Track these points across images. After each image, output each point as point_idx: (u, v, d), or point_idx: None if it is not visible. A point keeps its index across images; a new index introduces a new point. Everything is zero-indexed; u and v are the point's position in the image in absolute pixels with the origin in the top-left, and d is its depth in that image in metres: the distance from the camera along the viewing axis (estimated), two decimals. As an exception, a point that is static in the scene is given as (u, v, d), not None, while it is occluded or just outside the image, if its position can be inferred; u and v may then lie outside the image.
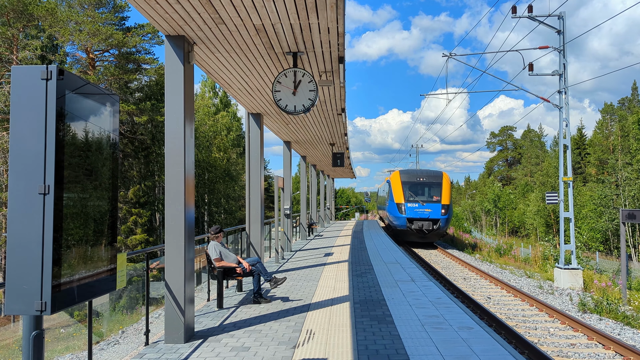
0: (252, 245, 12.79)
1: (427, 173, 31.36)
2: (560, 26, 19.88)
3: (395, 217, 29.62)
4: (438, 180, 30.38)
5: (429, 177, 30.73)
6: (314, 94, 7.74)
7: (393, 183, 30.70)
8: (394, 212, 29.72)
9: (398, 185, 30.10)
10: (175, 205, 6.74)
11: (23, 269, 2.46)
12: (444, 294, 9.67)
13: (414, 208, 28.69)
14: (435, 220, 28.33)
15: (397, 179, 30.72)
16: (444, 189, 29.63)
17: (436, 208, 28.61)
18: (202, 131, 51.83)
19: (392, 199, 30.28)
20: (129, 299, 17.87)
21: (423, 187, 30.12)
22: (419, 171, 32.46)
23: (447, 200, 29.19)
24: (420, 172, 31.99)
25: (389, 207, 31.28)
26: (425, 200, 29.05)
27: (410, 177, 30.66)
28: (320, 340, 6.61)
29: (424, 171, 32.06)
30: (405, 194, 29.48)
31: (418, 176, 30.83)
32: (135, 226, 37.73)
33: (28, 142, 2.49)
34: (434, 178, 30.63)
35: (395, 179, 30.84)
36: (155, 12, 6.04)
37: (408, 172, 31.62)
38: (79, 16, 35.82)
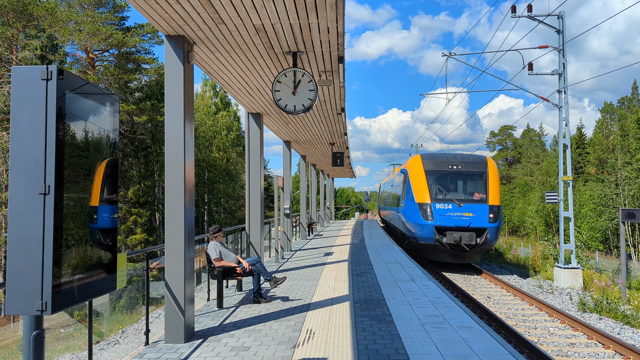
0: (252, 245, 12.80)
1: (464, 159, 20.94)
2: (560, 26, 19.88)
3: (415, 225, 19.75)
4: (481, 168, 20.33)
5: (466, 164, 20.61)
6: (313, 93, 7.74)
7: (412, 173, 20.69)
8: (413, 216, 19.95)
9: (420, 177, 20.19)
10: (175, 204, 6.74)
11: (23, 269, 2.46)
12: (443, 294, 9.67)
13: (447, 211, 18.94)
14: (480, 231, 18.52)
15: (418, 167, 20.60)
16: (490, 182, 19.68)
17: (481, 211, 18.85)
18: (202, 131, 51.84)
19: (410, 197, 20.46)
20: (129, 299, 17.87)
21: (459, 179, 20.39)
22: (452, 156, 21.29)
23: (497, 199, 19.38)
24: (454, 157, 21.12)
25: (405, 210, 21.20)
26: (463, 200, 19.29)
27: (438, 164, 20.56)
28: (320, 340, 6.62)
29: (460, 156, 21.24)
30: (431, 189, 19.65)
31: (451, 163, 20.59)
32: (135, 226, 37.73)
33: (28, 142, 2.49)
34: (474, 165, 20.51)
35: (416, 167, 20.74)
36: (155, 12, 6.04)
37: (435, 158, 21.05)
38: (78, 16, 35.82)
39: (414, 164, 21.02)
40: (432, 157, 21.16)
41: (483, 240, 18.37)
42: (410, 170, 21.08)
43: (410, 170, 21.08)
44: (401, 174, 24.11)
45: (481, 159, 20.96)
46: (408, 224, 20.81)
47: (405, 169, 22.31)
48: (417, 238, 19.74)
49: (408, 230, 20.94)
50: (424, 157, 21.12)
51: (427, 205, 19.38)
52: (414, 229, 19.95)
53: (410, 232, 20.51)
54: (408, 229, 20.91)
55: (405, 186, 21.59)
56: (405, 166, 22.73)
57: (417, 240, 19.96)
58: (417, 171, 20.53)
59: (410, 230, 20.55)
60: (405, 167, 22.39)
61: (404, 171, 22.41)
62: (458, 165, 20.50)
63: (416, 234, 19.74)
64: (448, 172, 20.36)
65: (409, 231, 20.87)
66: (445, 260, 19.60)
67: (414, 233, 20.03)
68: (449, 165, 20.48)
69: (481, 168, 20.38)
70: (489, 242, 18.57)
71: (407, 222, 20.91)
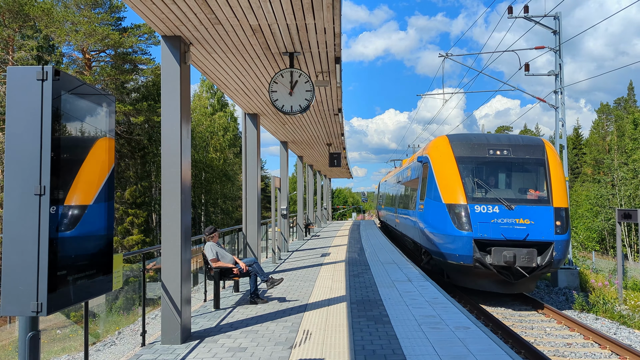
0: (249, 246, 12.79)
1: (510, 141, 14.64)
2: (556, 26, 19.94)
3: (442, 237, 13.61)
4: (537, 153, 14.20)
5: (516, 148, 14.34)
6: (310, 94, 7.75)
7: (437, 161, 14.54)
8: (438, 223, 13.80)
9: (448, 166, 14.04)
10: (172, 205, 6.73)
11: (19, 270, 2.46)
12: (440, 294, 9.68)
13: (492, 217, 13.06)
14: (543, 246, 12.64)
15: (445, 152, 14.45)
16: (553, 174, 13.75)
17: (542, 217, 12.95)
18: (199, 131, 51.78)
19: (433, 195, 14.27)
20: (125, 300, 17.82)
21: (506, 169, 14.41)
22: (493, 138, 15.05)
23: (563, 198, 13.50)
24: (496, 139, 14.87)
25: (426, 214, 14.82)
26: (514, 200, 13.42)
27: (475, 148, 14.32)
28: (317, 341, 6.61)
29: (504, 138, 15.06)
30: (467, 184, 13.65)
31: (493, 146, 14.37)
32: (132, 227, 37.67)
33: (24, 143, 2.48)
34: (528, 150, 14.29)
35: (442, 152, 14.56)
36: (152, 13, 6.04)
37: (469, 139, 14.71)
38: (75, 16, 35.75)
39: (439, 149, 14.51)
40: (466, 138, 14.54)
41: (547, 261, 12.21)
42: (433, 157, 14.58)
43: (433, 157, 14.58)
44: (418, 163, 16.92)
45: (536, 141, 14.61)
46: (430, 234, 14.14)
47: (424, 157, 15.54)
48: (445, 256, 13.20)
49: (429, 243, 14.35)
50: (453, 138, 14.56)
51: (461, 207, 12.93)
52: (440, 243, 13.44)
53: (434, 246, 13.90)
54: (429, 242, 14.26)
55: (426, 180, 14.90)
56: (425, 152, 15.67)
57: (444, 259, 13.36)
58: (444, 159, 14.06)
59: (432, 244, 13.97)
60: (425, 154, 15.49)
61: (423, 159, 15.65)
62: (503, 149, 14.11)
63: (444, 249, 13.21)
64: (490, 159, 13.96)
65: (430, 244, 14.25)
66: (488, 289, 13.22)
67: (439, 248, 13.44)
68: (489, 150, 14.05)
69: (537, 153, 14.07)
70: (555, 263, 12.42)
71: (429, 232, 14.19)
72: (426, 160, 15.43)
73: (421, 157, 16.28)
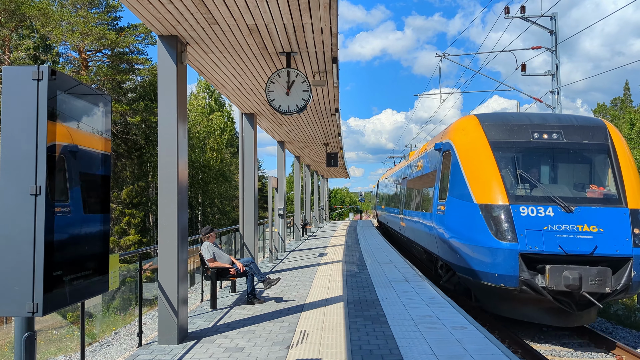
0: (246, 246, 12.78)
1: (561, 121, 11.00)
2: (553, 26, 19.98)
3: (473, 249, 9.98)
4: (598, 137, 10.62)
5: (569, 130, 10.70)
6: (307, 94, 7.75)
7: (464, 148, 11.01)
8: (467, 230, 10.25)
9: (481, 154, 10.48)
10: (169, 205, 6.72)
11: (14, 270, 2.45)
12: (437, 294, 9.70)
13: (544, 223, 9.48)
14: (619, 262, 9.14)
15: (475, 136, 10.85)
16: (624, 165, 10.25)
17: (614, 222, 9.48)
18: (195, 131, 51.75)
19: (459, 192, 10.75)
20: (122, 300, 17.79)
21: (559, 159, 10.73)
22: (538, 118, 11.19)
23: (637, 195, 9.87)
24: (542, 119, 11.09)
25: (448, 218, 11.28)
26: (573, 199, 9.90)
27: (514, 130, 10.72)
28: (314, 341, 6.61)
29: (552, 117, 11.34)
30: (506, 178, 10.14)
31: (539, 128, 10.73)
32: (129, 227, 37.62)
33: (19, 143, 2.48)
34: (585, 133, 10.67)
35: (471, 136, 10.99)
36: (148, 12, 6.03)
37: (506, 119, 11.01)
38: (71, 16, 35.68)
39: (467, 133, 10.99)
40: (501, 118, 10.96)
41: (624, 283, 8.91)
42: (458, 143, 11.09)
43: (458, 143, 11.09)
44: (435, 152, 13.14)
45: (595, 121, 11.03)
46: (454, 244, 10.67)
47: (445, 143, 11.87)
48: (477, 274, 9.77)
49: (452, 256, 10.91)
50: (485, 118, 10.98)
51: (501, 209, 9.57)
52: (471, 256, 9.97)
53: (459, 260, 10.49)
54: (453, 254, 10.85)
55: (447, 174, 11.49)
56: (446, 137, 11.95)
57: (475, 279, 9.92)
58: (475, 144, 10.59)
59: (458, 257, 10.56)
60: (446, 140, 11.82)
61: (444, 147, 11.99)
62: (553, 132, 10.52)
63: (475, 265, 9.81)
64: (535, 145, 10.43)
65: (454, 257, 10.80)
66: (537, 320, 9.82)
67: (469, 263, 10.02)
68: (534, 133, 10.52)
69: (598, 137, 10.54)
70: (635, 286, 9.07)
71: (453, 241, 10.73)
72: (448, 148, 11.47)
73: (440, 144, 12.32)
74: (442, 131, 13.29)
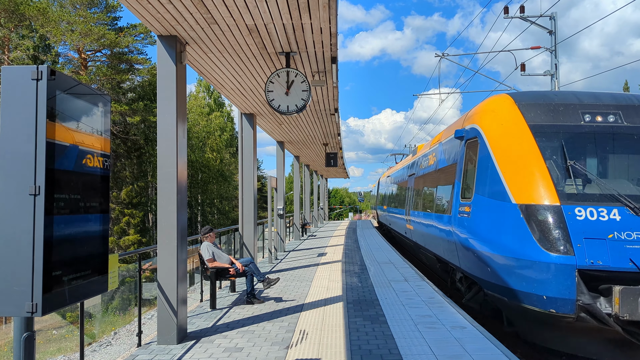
0: (245, 246, 12.78)
1: (616, 100, 8.48)
2: (552, 27, 19.99)
3: (511, 262, 7.49)
4: None
5: (628, 110, 8.24)
6: (306, 94, 7.75)
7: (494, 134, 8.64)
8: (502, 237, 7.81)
9: (518, 140, 8.15)
10: (168, 205, 6.72)
11: (13, 271, 2.45)
12: (437, 294, 9.70)
13: (607, 229, 7.01)
14: None
15: (509, 118, 8.51)
16: None
17: None
18: (195, 131, 51.76)
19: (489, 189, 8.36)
20: (121, 300, 17.79)
21: (616, 145, 8.03)
22: (588, 97, 8.56)
23: None
24: (593, 98, 8.52)
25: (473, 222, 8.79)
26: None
27: (560, 112, 8.27)
28: (314, 341, 6.61)
29: (606, 96, 8.58)
30: (554, 171, 7.65)
31: (590, 109, 8.27)
32: (128, 227, 37.60)
33: (18, 143, 2.48)
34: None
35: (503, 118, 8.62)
36: (147, 12, 6.03)
37: (547, 99, 8.55)
38: (70, 16, 35.66)
39: (499, 115, 8.85)
40: (542, 97, 8.81)
41: None
42: (488, 127, 8.95)
43: (488, 127, 8.95)
44: (455, 141, 10.77)
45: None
46: (484, 254, 8.40)
47: (470, 129, 9.69)
48: (518, 296, 7.54)
49: (481, 269, 8.68)
50: (522, 97, 8.85)
51: (548, 210, 7.41)
52: (508, 272, 7.71)
53: (491, 275, 8.24)
54: (481, 267, 8.61)
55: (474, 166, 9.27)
56: (473, 122, 9.69)
57: (515, 301, 7.64)
58: (510, 129, 8.48)
59: (489, 271, 8.29)
60: (473, 125, 9.60)
61: (468, 134, 9.82)
62: (608, 113, 8.37)
63: (514, 282, 7.57)
64: (589, 129, 8.25)
65: (483, 271, 8.58)
66: (596, 356, 7.40)
67: (506, 281, 7.76)
68: (585, 115, 8.40)
69: None
70: None
71: (482, 251, 8.46)
72: (473, 135, 9.29)
73: (461, 131, 10.05)
74: (463, 116, 10.87)
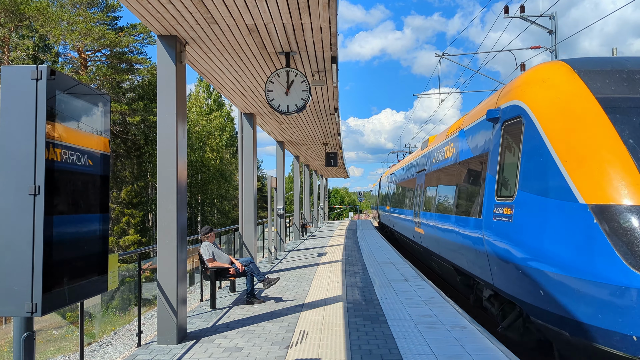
0: (245, 246, 12.78)
1: None
2: (552, 26, 19.98)
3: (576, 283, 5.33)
4: None
5: None
6: (306, 94, 7.74)
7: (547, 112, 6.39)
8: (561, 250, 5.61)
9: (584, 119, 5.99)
10: (168, 205, 6.72)
11: (13, 270, 2.44)
12: (437, 294, 9.69)
13: None
14: None
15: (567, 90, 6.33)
16: None
17: None
18: (195, 131, 51.76)
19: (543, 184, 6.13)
20: (121, 300, 17.79)
21: None
22: None
23: None
24: None
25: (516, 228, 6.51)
26: None
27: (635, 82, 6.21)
28: (314, 341, 6.61)
29: None
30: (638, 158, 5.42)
31: None
32: (128, 227, 37.60)
33: (18, 143, 2.48)
34: None
35: (559, 91, 6.39)
36: (147, 12, 6.02)
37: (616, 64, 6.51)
38: (70, 16, 35.66)
39: (554, 86, 6.62)
40: (612, 63, 6.68)
41: None
42: (539, 104, 6.64)
43: (539, 104, 6.64)
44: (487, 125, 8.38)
45: None
46: (535, 272, 6.06)
47: (510, 107, 7.31)
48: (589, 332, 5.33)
49: (529, 292, 6.31)
50: (580, 64, 6.71)
51: (636, 214, 5.17)
52: (574, 297, 5.43)
53: (547, 301, 5.89)
54: (531, 288, 6.24)
55: (517, 154, 6.93)
56: (514, 97, 7.28)
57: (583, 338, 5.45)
58: (571, 104, 6.27)
59: (544, 296, 5.94)
60: (514, 101, 7.22)
61: (507, 113, 7.41)
62: None
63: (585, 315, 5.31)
64: None
65: (534, 295, 6.20)
66: None
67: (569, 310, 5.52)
68: None
69: None
70: None
71: (531, 269, 6.13)
72: (516, 114, 7.04)
73: (496, 110, 7.72)
74: (495, 93, 8.46)
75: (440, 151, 12.62)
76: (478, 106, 9.72)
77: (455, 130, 11.01)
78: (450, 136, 11.40)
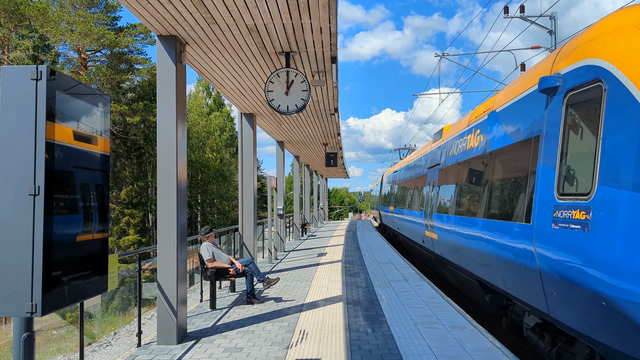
0: (245, 246, 12.78)
1: None
2: (552, 26, 19.98)
3: None
4: None
5: None
6: (306, 94, 7.74)
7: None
8: None
9: None
10: (168, 205, 6.72)
11: (13, 271, 2.44)
12: (437, 294, 9.69)
13: None
14: None
15: None
16: None
17: None
18: (195, 131, 51.74)
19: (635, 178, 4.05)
20: (121, 300, 17.79)
21: None
22: None
23: None
24: None
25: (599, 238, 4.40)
26: None
27: None
28: (314, 341, 6.61)
29: None
30: None
31: None
32: (128, 227, 37.59)
33: (18, 143, 2.47)
34: None
35: None
36: (147, 12, 6.02)
37: None
38: (70, 16, 35.65)
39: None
40: None
41: None
42: (628, 61, 4.44)
43: (628, 61, 4.44)
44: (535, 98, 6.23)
45: None
46: (631, 304, 4.00)
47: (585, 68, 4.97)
48: None
49: (622, 338, 4.29)
50: None
51: None
52: None
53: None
54: (622, 327, 4.22)
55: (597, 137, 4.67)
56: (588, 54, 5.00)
57: None
58: None
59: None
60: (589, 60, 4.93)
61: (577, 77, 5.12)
62: None
63: None
64: None
65: (630, 342, 4.16)
66: None
67: None
68: None
69: None
70: None
71: (626, 301, 4.07)
72: (592, 78, 4.90)
73: (554, 78, 5.65)
74: (548, 57, 6.39)
75: (461, 141, 10.44)
76: (518, 79, 7.64)
77: (481, 114, 9.03)
78: (475, 122, 9.41)
